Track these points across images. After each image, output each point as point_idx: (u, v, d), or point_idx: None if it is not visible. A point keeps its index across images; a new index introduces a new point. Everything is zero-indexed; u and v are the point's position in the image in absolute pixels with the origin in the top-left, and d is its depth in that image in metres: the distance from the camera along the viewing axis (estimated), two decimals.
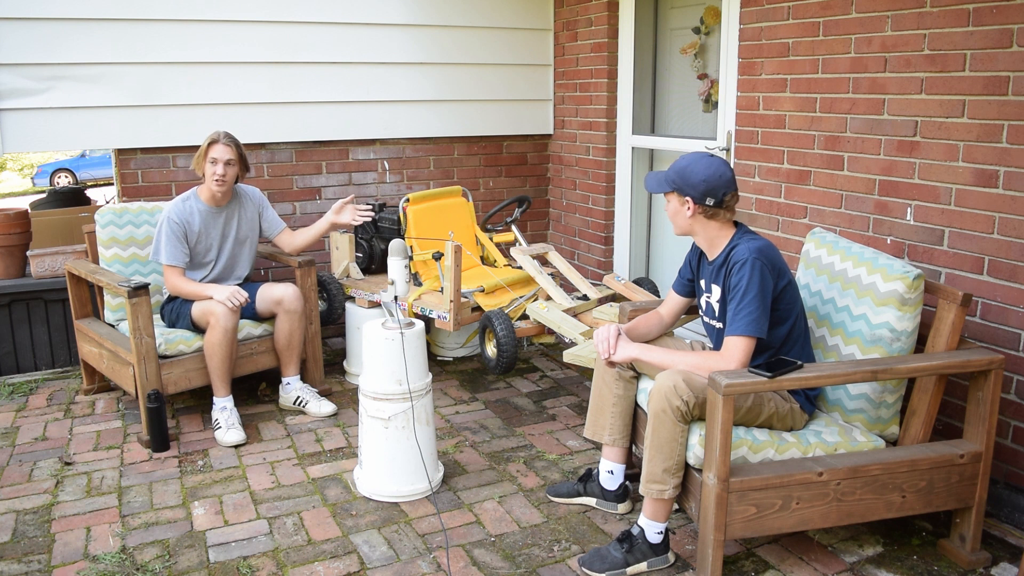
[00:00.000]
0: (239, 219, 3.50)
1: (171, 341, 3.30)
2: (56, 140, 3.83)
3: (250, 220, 3.55)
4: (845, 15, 2.99)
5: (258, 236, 3.62)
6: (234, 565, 2.42)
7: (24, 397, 3.76)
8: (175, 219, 3.32)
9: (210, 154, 3.29)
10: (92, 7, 3.70)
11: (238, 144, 3.36)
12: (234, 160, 3.34)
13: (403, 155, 4.60)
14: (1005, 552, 2.49)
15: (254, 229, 3.58)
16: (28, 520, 2.68)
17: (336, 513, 2.72)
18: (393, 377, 2.72)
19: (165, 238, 3.31)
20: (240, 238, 3.52)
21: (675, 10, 4.14)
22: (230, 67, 4.03)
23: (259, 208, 3.59)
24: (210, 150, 3.29)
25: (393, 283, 2.81)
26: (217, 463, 3.09)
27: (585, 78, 4.54)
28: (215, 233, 3.43)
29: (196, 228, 3.37)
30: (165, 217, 3.32)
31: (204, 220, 3.39)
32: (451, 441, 3.27)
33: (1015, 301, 2.57)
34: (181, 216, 3.33)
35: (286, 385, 3.58)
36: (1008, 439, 2.64)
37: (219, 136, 3.32)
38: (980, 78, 2.58)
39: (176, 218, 3.32)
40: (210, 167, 3.30)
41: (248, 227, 3.54)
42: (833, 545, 2.52)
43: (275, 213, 3.66)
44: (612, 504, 2.71)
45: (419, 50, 4.45)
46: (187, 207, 3.37)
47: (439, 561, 2.44)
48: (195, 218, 3.36)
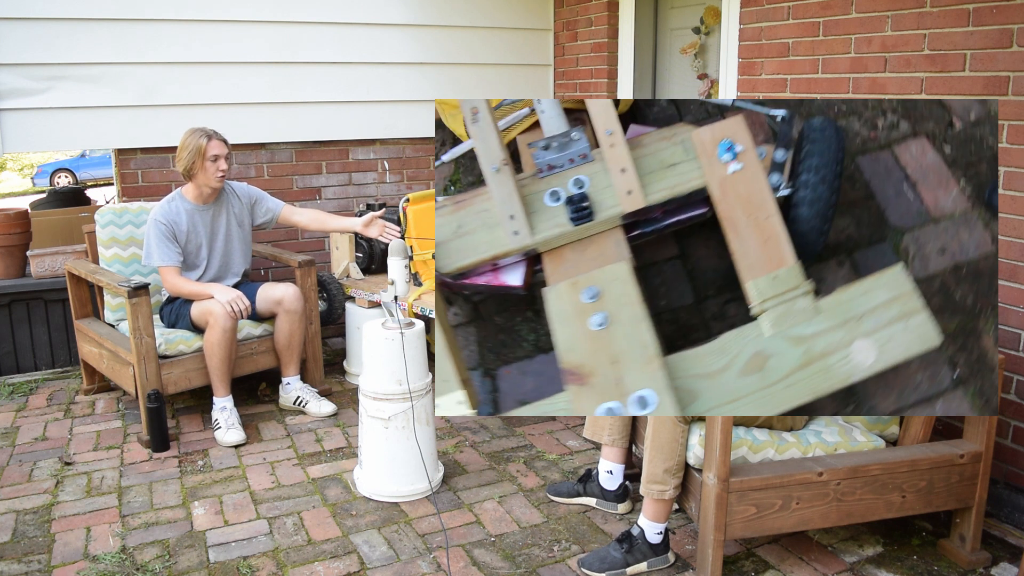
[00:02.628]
0: (227, 215, 3.50)
1: (171, 341, 3.30)
2: (56, 140, 3.83)
3: (238, 215, 3.54)
4: (845, 15, 2.99)
5: (251, 230, 3.62)
6: (234, 565, 2.42)
7: (24, 397, 3.76)
8: (162, 220, 3.31)
9: (210, 152, 3.29)
10: (92, 7, 3.70)
11: (224, 138, 3.39)
12: (229, 154, 3.37)
13: (403, 155, 4.60)
14: (1005, 552, 2.49)
15: (244, 224, 3.57)
16: (28, 520, 2.68)
17: (336, 513, 2.72)
18: (393, 377, 2.72)
19: (155, 240, 3.31)
20: (230, 234, 3.52)
21: (675, 10, 4.13)
22: (230, 67, 4.04)
23: (250, 203, 3.59)
24: (209, 147, 3.29)
25: (393, 283, 2.81)
26: (217, 463, 3.09)
27: (585, 78, 4.54)
28: (204, 231, 3.43)
29: (184, 227, 3.36)
30: (152, 220, 3.32)
31: (191, 219, 3.38)
32: (451, 441, 3.27)
33: (1015, 301, 2.57)
34: (167, 216, 3.33)
35: (286, 385, 3.58)
36: (1008, 439, 2.64)
37: (211, 132, 3.32)
38: (980, 78, 2.58)
39: (163, 219, 3.31)
40: (211, 164, 3.30)
41: (237, 222, 3.54)
42: (833, 545, 2.52)
43: (270, 198, 3.66)
44: (612, 504, 2.71)
45: (419, 50, 4.45)
46: (173, 207, 3.36)
47: (439, 561, 2.44)
48: (182, 217, 3.36)
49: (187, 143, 3.30)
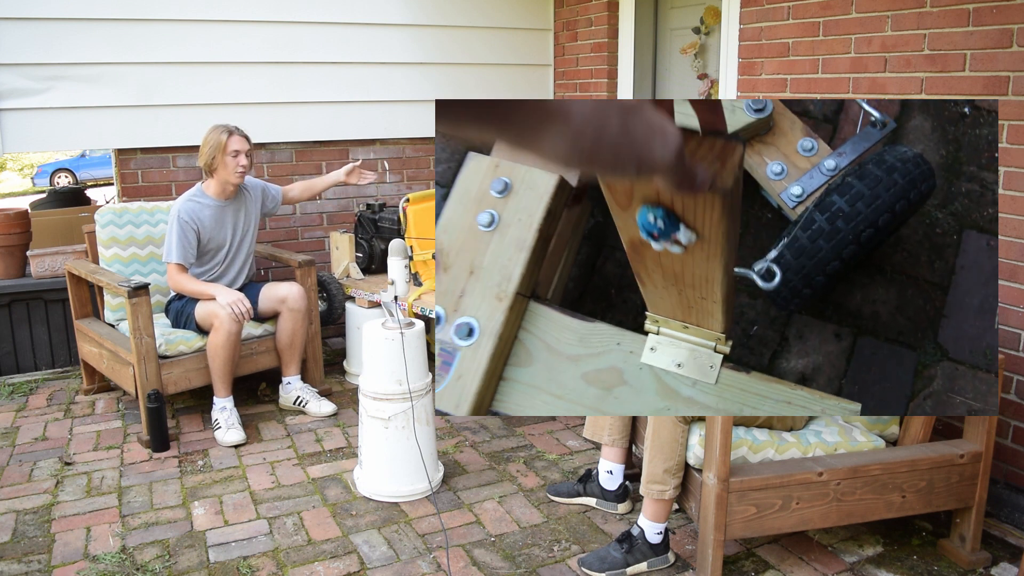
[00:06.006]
0: (246, 211, 3.51)
1: (171, 341, 3.30)
2: (56, 140, 3.83)
3: (255, 212, 3.57)
4: (845, 15, 2.99)
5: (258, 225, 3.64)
6: (234, 565, 2.42)
7: (24, 397, 3.76)
8: (186, 217, 3.31)
9: (231, 147, 3.30)
10: (92, 7, 3.70)
11: (247, 134, 3.40)
12: (251, 150, 3.38)
13: (403, 155, 4.60)
14: (1005, 552, 2.49)
15: (256, 220, 3.59)
16: (28, 520, 2.68)
17: (336, 513, 2.72)
18: (393, 377, 2.72)
19: (177, 237, 3.30)
20: (247, 230, 3.53)
21: (675, 10, 4.13)
22: (230, 67, 4.04)
23: (260, 194, 3.61)
24: (230, 143, 3.30)
25: (393, 283, 2.81)
26: (217, 463, 3.09)
27: (585, 78, 4.54)
28: (227, 227, 3.44)
29: (207, 224, 3.37)
30: (176, 216, 3.31)
31: (214, 215, 3.39)
32: (451, 441, 3.27)
33: (1015, 301, 2.57)
34: (192, 214, 3.32)
35: (286, 385, 3.58)
36: (1008, 439, 2.64)
37: (232, 128, 3.33)
38: (980, 78, 2.58)
39: (187, 216, 3.31)
40: (232, 159, 3.31)
41: (253, 219, 3.56)
42: (833, 545, 2.52)
43: (270, 184, 3.72)
44: (612, 504, 2.71)
45: (419, 50, 4.45)
46: (196, 204, 3.36)
47: (439, 561, 2.44)
48: (205, 213, 3.36)
49: (209, 139, 3.32)
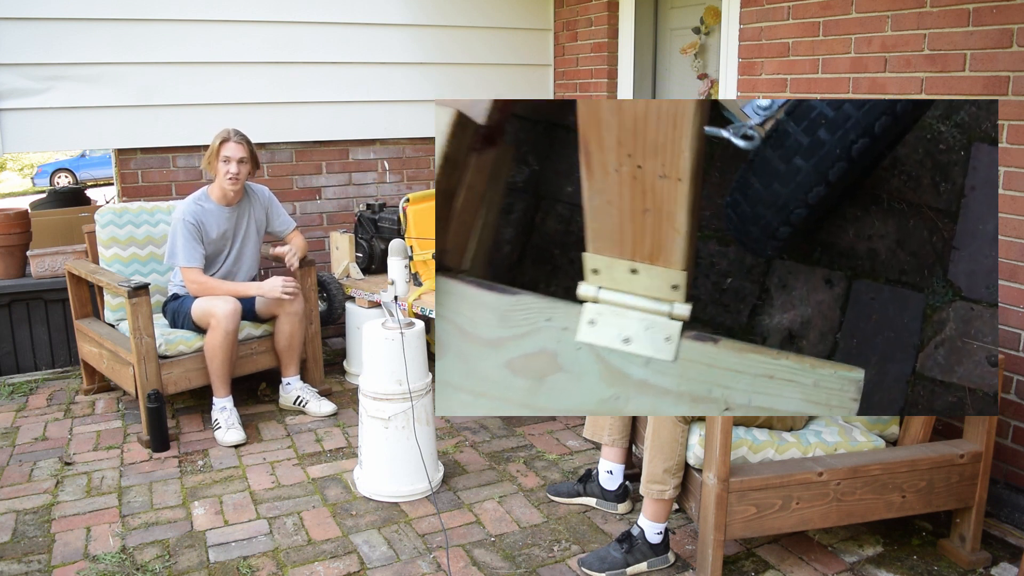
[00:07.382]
0: (249, 218, 3.50)
1: (171, 341, 3.30)
2: (56, 140, 3.83)
3: (258, 220, 3.55)
4: (845, 15, 2.99)
5: (263, 234, 3.61)
6: (234, 565, 2.42)
7: (24, 397, 3.76)
8: (190, 220, 3.30)
9: (222, 152, 3.28)
10: (92, 7, 3.70)
11: (249, 141, 3.35)
12: (246, 158, 3.33)
13: (403, 155, 4.60)
14: (1005, 552, 2.49)
15: (261, 229, 3.57)
16: (28, 520, 2.68)
17: (336, 513, 2.72)
18: (393, 377, 2.72)
19: (182, 240, 3.29)
20: (247, 237, 3.51)
21: (675, 10, 4.13)
22: (230, 67, 4.04)
23: (267, 206, 3.59)
24: (222, 148, 3.28)
25: (393, 283, 2.81)
26: (217, 463, 3.09)
27: (585, 78, 4.54)
28: (228, 233, 3.43)
29: (210, 229, 3.36)
30: (180, 219, 3.30)
31: (217, 220, 3.38)
32: (451, 441, 3.27)
33: (1015, 301, 2.57)
34: (196, 217, 3.32)
35: (286, 385, 3.58)
36: (1008, 439, 2.64)
37: (230, 134, 3.31)
38: (980, 78, 2.58)
39: (191, 219, 3.30)
40: (223, 166, 3.29)
41: (256, 226, 3.54)
42: (833, 545, 2.52)
43: (284, 212, 3.66)
44: (612, 504, 2.71)
45: (419, 50, 4.45)
46: (199, 208, 3.35)
47: (439, 561, 2.44)
48: (208, 218, 3.36)
49: (212, 141, 3.32)
